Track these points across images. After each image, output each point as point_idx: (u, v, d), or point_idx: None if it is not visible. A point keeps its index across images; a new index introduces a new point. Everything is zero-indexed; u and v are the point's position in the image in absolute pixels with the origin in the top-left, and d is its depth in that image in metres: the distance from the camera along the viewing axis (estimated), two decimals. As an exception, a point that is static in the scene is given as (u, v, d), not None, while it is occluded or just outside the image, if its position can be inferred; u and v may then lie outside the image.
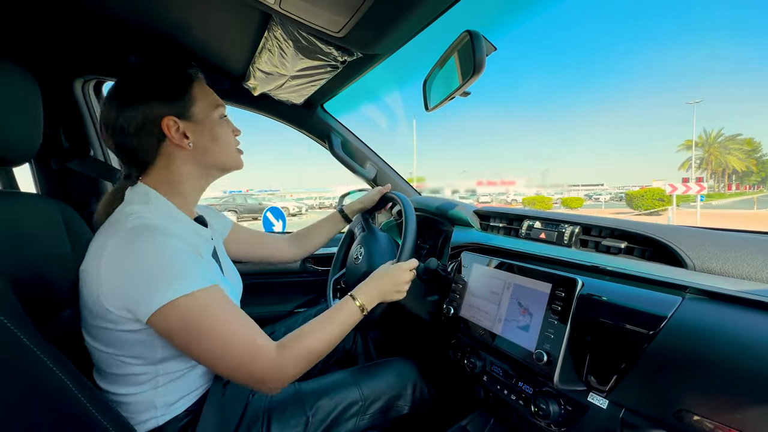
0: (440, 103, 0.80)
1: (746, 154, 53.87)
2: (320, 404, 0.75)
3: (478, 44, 0.57)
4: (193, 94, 0.64)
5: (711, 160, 52.73)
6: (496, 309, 0.76)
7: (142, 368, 0.58)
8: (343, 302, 0.69)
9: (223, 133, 0.67)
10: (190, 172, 0.66)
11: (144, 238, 0.53)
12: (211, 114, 0.66)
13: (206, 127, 0.65)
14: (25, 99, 0.72)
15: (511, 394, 0.74)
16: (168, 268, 0.53)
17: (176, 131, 0.62)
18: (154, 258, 0.52)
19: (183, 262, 0.54)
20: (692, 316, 0.50)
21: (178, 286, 0.52)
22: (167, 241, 0.54)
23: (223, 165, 0.69)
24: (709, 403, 0.46)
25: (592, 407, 0.59)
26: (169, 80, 0.64)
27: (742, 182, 57.70)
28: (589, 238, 0.75)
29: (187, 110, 0.63)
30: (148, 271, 0.52)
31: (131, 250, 0.53)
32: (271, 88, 1.09)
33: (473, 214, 1.05)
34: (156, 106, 0.61)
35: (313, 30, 0.72)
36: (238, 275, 0.81)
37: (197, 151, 0.64)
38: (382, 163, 1.43)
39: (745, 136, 55.99)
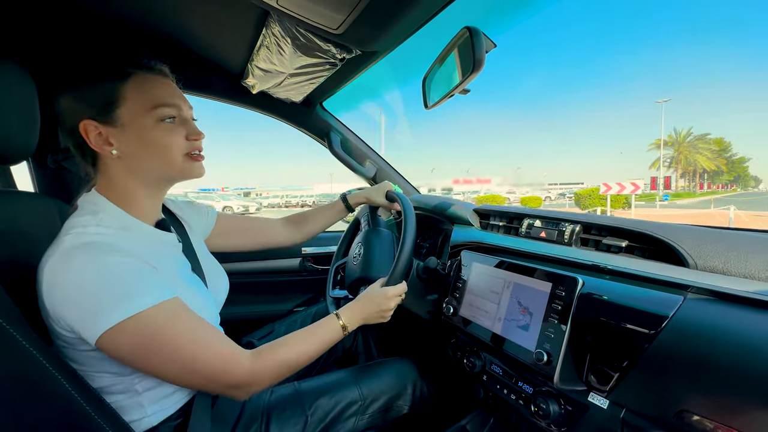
0: (440, 100, 0.79)
1: (715, 153, 54.42)
2: (319, 403, 0.75)
3: (477, 41, 0.57)
4: (121, 93, 0.55)
5: (680, 159, 53.09)
6: (496, 308, 0.75)
7: (114, 379, 0.55)
8: (327, 320, 0.69)
9: (159, 138, 0.57)
10: (128, 181, 0.59)
11: (80, 259, 0.49)
12: (143, 117, 0.56)
13: (133, 132, 0.56)
14: (22, 97, 0.72)
15: (510, 393, 0.73)
16: (110, 289, 0.48)
17: (97, 136, 0.55)
18: (93, 280, 0.48)
19: (127, 280, 0.49)
20: (694, 315, 0.49)
21: (125, 306, 0.48)
22: (106, 260, 0.49)
23: (163, 175, 0.61)
24: (711, 404, 0.45)
25: (592, 407, 0.59)
26: (92, 76, 0.56)
27: (714, 181, 59.11)
28: (589, 237, 0.74)
29: (110, 113, 0.55)
30: (88, 294, 0.47)
31: (66, 275, 0.48)
32: (270, 86, 1.08)
33: (473, 213, 1.04)
34: (78, 105, 0.55)
35: (312, 27, 0.71)
36: (222, 273, 0.78)
37: (128, 160, 0.57)
38: (382, 162, 1.42)
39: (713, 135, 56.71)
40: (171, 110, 0.58)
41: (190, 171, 0.62)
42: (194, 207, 0.86)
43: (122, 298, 0.48)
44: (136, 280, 0.50)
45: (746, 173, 62.85)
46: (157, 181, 0.62)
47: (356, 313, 0.72)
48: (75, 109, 0.56)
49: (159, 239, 0.63)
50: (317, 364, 1.03)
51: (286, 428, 0.70)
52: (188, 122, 0.62)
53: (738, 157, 59.63)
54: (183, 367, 0.52)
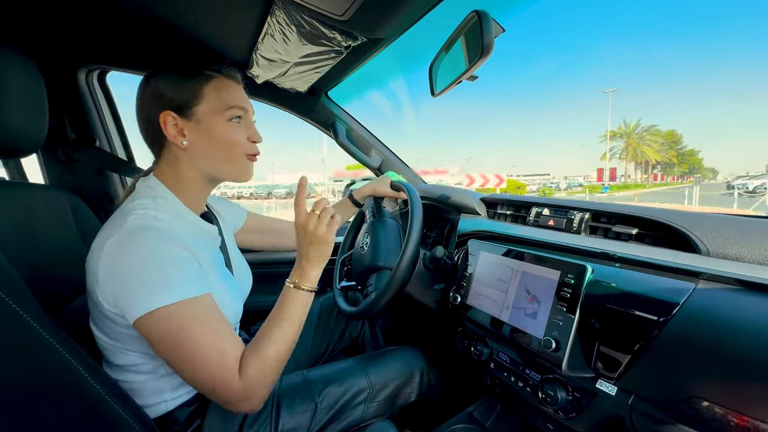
0: (447, 87, 0.78)
1: (665, 145, 53.20)
2: (328, 391, 0.76)
3: (486, 25, 0.55)
4: (200, 91, 0.62)
5: (629, 151, 51.42)
6: (503, 296, 0.75)
7: (144, 359, 0.59)
8: (285, 294, 0.64)
9: (226, 136, 0.63)
10: (189, 171, 0.64)
11: (138, 241, 0.53)
12: (216, 115, 0.62)
13: (204, 128, 0.62)
14: (31, 90, 0.72)
15: (518, 381, 0.74)
16: (155, 275, 0.52)
17: (173, 127, 0.61)
18: (144, 264, 0.52)
19: (172, 269, 0.53)
20: (706, 302, 0.49)
21: (161, 296, 0.51)
22: (162, 246, 0.53)
23: (221, 172, 0.65)
24: (722, 390, 0.45)
25: (600, 394, 0.59)
26: (180, 74, 0.62)
27: (667, 173, 58.27)
28: (598, 225, 0.73)
29: (189, 108, 0.61)
30: (137, 276, 0.51)
31: (124, 253, 0.52)
32: (275, 76, 1.08)
33: (480, 202, 1.04)
34: (161, 98, 0.61)
35: (316, 14, 0.70)
36: (247, 267, 0.81)
37: (194, 153, 0.62)
38: (388, 152, 1.41)
39: (661, 127, 55.89)
40: (239, 112, 0.65)
41: (246, 170, 0.67)
42: (228, 203, 0.91)
43: (167, 286, 0.52)
44: (179, 271, 0.54)
45: (701, 165, 62.80)
46: (215, 175, 0.66)
47: (303, 266, 0.65)
48: (157, 101, 0.61)
49: (204, 230, 0.67)
50: (325, 353, 1.04)
51: (296, 415, 0.71)
52: (251, 126, 0.68)
53: (688, 149, 59.86)
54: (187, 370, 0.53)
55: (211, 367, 0.53)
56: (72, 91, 1.08)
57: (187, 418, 0.64)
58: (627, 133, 51.88)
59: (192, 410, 0.64)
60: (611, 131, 51.51)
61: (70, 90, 1.07)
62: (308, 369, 0.84)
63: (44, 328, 0.46)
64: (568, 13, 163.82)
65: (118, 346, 0.58)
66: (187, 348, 0.52)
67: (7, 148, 0.70)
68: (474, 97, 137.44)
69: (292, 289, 0.64)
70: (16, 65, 0.69)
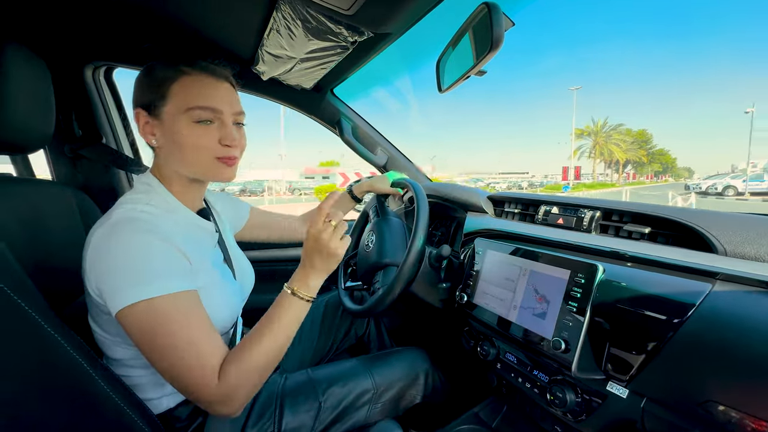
0: (455, 83, 0.77)
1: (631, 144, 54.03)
2: (332, 391, 0.76)
3: (496, 17, 0.54)
4: (166, 90, 0.58)
5: (596, 150, 51.94)
6: (511, 296, 0.74)
7: (137, 352, 0.56)
8: (281, 299, 0.60)
9: (190, 139, 0.58)
10: (168, 171, 0.62)
11: (121, 233, 0.52)
12: (179, 117, 0.57)
13: (168, 129, 0.58)
14: (39, 86, 0.72)
15: (525, 382, 0.73)
16: (136, 268, 0.51)
17: (144, 125, 0.60)
18: (126, 255, 0.51)
19: (154, 262, 0.52)
20: (723, 303, 0.47)
21: (141, 288, 0.50)
22: (142, 238, 0.52)
23: (189, 173, 0.62)
24: (740, 394, 0.44)
25: (610, 396, 0.57)
26: (150, 71, 0.60)
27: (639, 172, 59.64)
28: (609, 224, 0.72)
29: (157, 107, 0.58)
30: (118, 268, 0.51)
31: (108, 244, 0.52)
32: (280, 73, 1.07)
33: (487, 200, 1.02)
34: (136, 94, 0.61)
35: (322, 8, 0.69)
36: (249, 265, 0.80)
37: (163, 153, 0.61)
38: (393, 149, 1.40)
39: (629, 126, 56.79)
40: (206, 113, 0.58)
41: (218, 174, 0.61)
42: (231, 199, 0.90)
43: (145, 279, 0.50)
44: (162, 264, 0.52)
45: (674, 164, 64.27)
46: (188, 175, 0.63)
47: (307, 273, 0.61)
48: (135, 96, 0.61)
49: (198, 226, 0.66)
50: (330, 351, 1.03)
51: (299, 415, 0.71)
52: (226, 127, 0.60)
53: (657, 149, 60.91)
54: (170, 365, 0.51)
55: (188, 367, 0.51)
56: (79, 88, 1.08)
57: (189, 414, 0.63)
58: (594, 131, 52.71)
59: (194, 407, 0.64)
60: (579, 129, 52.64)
61: (76, 86, 1.08)
62: (313, 368, 0.84)
63: (49, 323, 0.46)
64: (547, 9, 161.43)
65: (116, 339, 0.58)
66: (165, 344, 0.51)
67: (15, 144, 0.70)
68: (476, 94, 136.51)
69: (289, 295, 0.60)
70: (23, 62, 0.69)
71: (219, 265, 0.67)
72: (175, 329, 0.51)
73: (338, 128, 1.31)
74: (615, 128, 52.74)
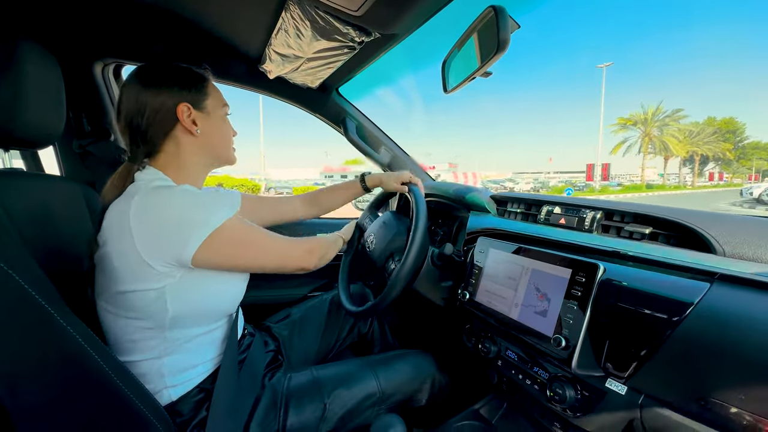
0: (460, 84, 0.78)
1: (708, 136, 39.31)
2: (338, 393, 0.76)
3: (503, 21, 0.55)
4: (207, 89, 0.71)
5: (644, 143, 37.53)
6: (513, 294, 0.75)
7: (152, 333, 0.61)
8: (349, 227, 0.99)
9: (226, 128, 0.75)
10: (193, 157, 0.70)
11: (170, 191, 0.60)
12: (219, 110, 0.73)
13: (213, 119, 0.71)
14: (50, 82, 0.74)
15: (526, 378, 0.74)
16: (202, 205, 0.60)
17: (188, 117, 0.67)
18: (187, 200, 0.59)
19: (211, 198, 0.62)
20: (721, 302, 0.49)
21: (217, 215, 0.60)
22: (186, 190, 0.61)
23: (221, 156, 0.75)
24: (738, 391, 0.45)
25: (609, 393, 0.59)
26: (190, 72, 0.70)
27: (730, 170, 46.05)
28: (611, 224, 0.73)
29: (201, 102, 0.69)
30: (186, 211, 0.59)
31: (161, 201, 0.58)
32: (287, 71, 1.08)
33: (490, 200, 1.03)
34: (176, 92, 0.66)
35: (331, 9, 0.71)
36: None
37: (203, 139, 0.70)
38: (397, 149, 1.41)
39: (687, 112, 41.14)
40: (228, 109, 0.76)
41: (232, 157, 0.78)
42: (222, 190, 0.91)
43: (212, 210, 0.60)
44: (215, 199, 0.63)
45: None
46: (215, 160, 0.75)
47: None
48: (173, 95, 0.67)
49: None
50: (334, 348, 1.05)
51: (304, 415, 0.72)
52: (229, 122, 0.77)
53: (751, 141, 44.73)
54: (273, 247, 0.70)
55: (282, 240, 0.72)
56: (88, 84, 1.09)
57: (191, 409, 0.64)
58: (645, 120, 37.50)
59: (196, 401, 0.65)
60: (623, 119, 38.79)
61: (86, 83, 1.09)
62: (317, 367, 0.84)
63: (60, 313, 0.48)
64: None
65: (128, 317, 0.60)
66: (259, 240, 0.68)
67: (26, 139, 0.72)
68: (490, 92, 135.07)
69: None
70: (37, 59, 0.70)
71: None
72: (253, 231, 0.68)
73: (343, 127, 1.32)
74: (671, 115, 36.63)
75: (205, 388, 0.66)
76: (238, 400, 0.68)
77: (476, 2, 0.94)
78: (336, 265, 1.17)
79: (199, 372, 0.66)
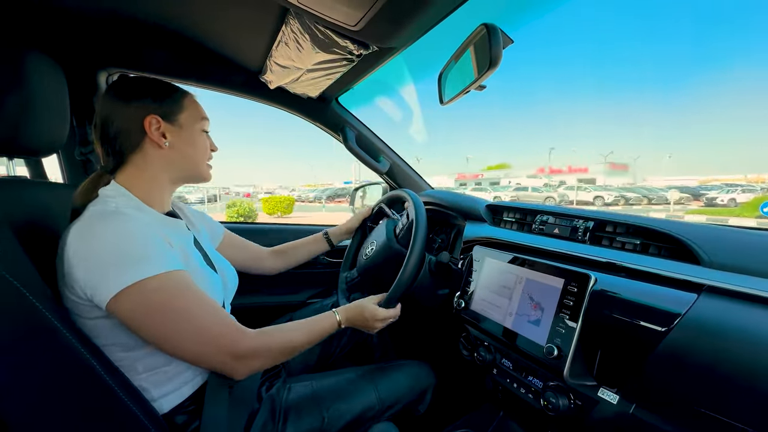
0: (455, 96, 0.79)
1: None
2: (337, 407, 0.77)
3: (494, 38, 0.57)
4: (183, 103, 0.69)
5: None
6: (507, 303, 0.76)
7: (125, 355, 0.58)
8: (328, 316, 0.75)
9: (201, 143, 0.71)
10: (161, 172, 0.68)
11: (102, 224, 0.54)
12: (195, 124, 0.70)
13: (186, 133, 0.69)
14: (55, 92, 0.75)
15: (520, 387, 0.75)
16: (129, 251, 0.53)
17: (156, 130, 0.65)
18: (115, 242, 0.53)
19: (147, 244, 0.55)
20: (708, 313, 0.50)
21: (144, 267, 0.52)
22: (128, 226, 0.55)
23: (193, 171, 0.72)
24: (723, 402, 0.46)
25: (602, 402, 0.59)
26: (165, 86, 0.69)
27: None
28: (603, 234, 0.74)
29: (174, 115, 0.67)
30: (109, 255, 0.52)
31: (91, 237, 0.53)
32: (287, 82, 1.10)
33: (485, 209, 1.05)
34: (147, 104, 0.65)
35: (330, 24, 0.73)
36: (231, 270, 0.81)
37: (172, 153, 0.68)
38: (396, 157, 1.43)
39: None
40: (207, 125, 0.73)
41: (206, 174, 0.74)
42: (206, 217, 0.92)
43: (142, 260, 0.53)
44: (153, 247, 0.55)
45: None
46: (185, 175, 0.72)
47: (349, 317, 0.77)
48: (143, 107, 0.65)
49: (170, 224, 0.69)
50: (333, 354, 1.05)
51: (302, 429, 0.72)
52: (210, 137, 0.75)
53: None
54: (193, 335, 0.56)
55: (227, 325, 0.58)
56: (92, 93, 1.11)
57: (184, 422, 0.62)
58: None
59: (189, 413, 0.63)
60: None
61: (90, 92, 1.11)
62: (317, 377, 0.84)
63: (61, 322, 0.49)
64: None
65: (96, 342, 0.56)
66: (189, 312, 0.55)
67: (30, 148, 0.73)
68: None
69: (334, 316, 0.75)
70: (41, 67, 0.71)
71: (200, 262, 0.68)
72: (198, 296, 0.57)
73: (342, 136, 1.34)
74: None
75: (197, 399, 0.64)
76: (233, 409, 0.67)
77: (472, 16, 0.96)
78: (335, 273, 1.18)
79: (189, 384, 0.64)
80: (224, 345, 0.57)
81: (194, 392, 0.64)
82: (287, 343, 0.65)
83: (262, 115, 55.26)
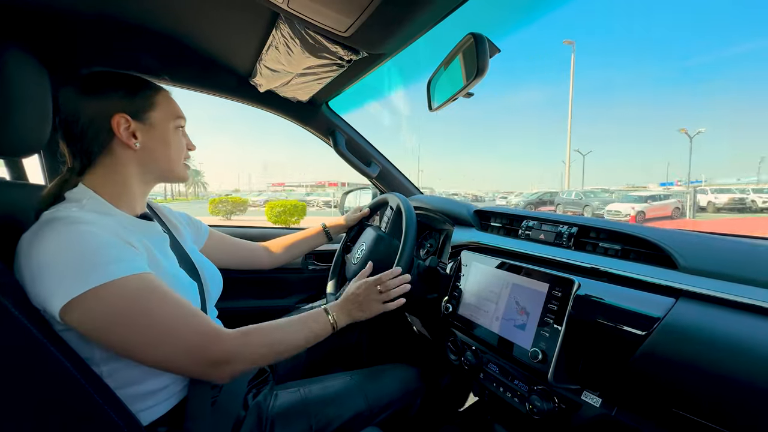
0: (444, 103, 0.81)
1: None
2: (325, 412, 0.76)
3: (481, 48, 0.58)
4: (154, 100, 0.65)
5: None
6: (494, 308, 0.77)
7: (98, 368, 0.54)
8: (318, 313, 0.69)
9: (175, 142, 0.67)
10: (132, 174, 0.64)
11: (50, 230, 0.50)
12: (168, 123, 0.66)
13: (159, 132, 0.65)
14: (37, 91, 0.73)
15: (506, 391, 0.75)
16: (80, 256, 0.49)
17: (125, 129, 0.61)
18: (63, 248, 0.49)
19: (98, 249, 0.50)
20: (685, 318, 0.51)
21: (96, 273, 0.48)
22: (78, 229, 0.50)
23: (166, 172, 0.68)
24: (700, 404, 0.47)
25: (585, 405, 0.60)
26: (134, 82, 0.64)
27: None
28: (586, 240, 0.76)
29: (144, 113, 0.63)
30: (58, 261, 0.48)
31: (38, 244, 0.49)
32: (277, 86, 1.10)
33: (473, 214, 1.06)
34: (115, 101, 0.61)
35: (320, 29, 0.73)
36: (216, 272, 0.78)
37: (143, 153, 0.63)
38: (385, 161, 1.44)
39: None
40: (183, 122, 0.70)
41: (182, 174, 0.71)
42: (189, 217, 0.89)
43: (93, 266, 0.48)
44: (107, 250, 0.51)
45: None
46: (158, 176, 0.69)
47: (341, 310, 0.72)
48: (110, 105, 0.61)
49: (140, 226, 0.63)
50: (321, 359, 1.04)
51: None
52: (186, 135, 0.72)
53: None
54: (160, 340, 0.51)
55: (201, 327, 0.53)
56: None
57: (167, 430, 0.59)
58: None
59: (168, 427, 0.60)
60: None
61: None
62: (305, 383, 0.83)
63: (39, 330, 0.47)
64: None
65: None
66: (160, 315, 0.51)
67: (11, 148, 0.71)
68: None
69: (324, 314, 0.69)
70: (22, 65, 0.70)
71: (173, 266, 0.65)
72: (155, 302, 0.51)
73: (332, 140, 1.34)
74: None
75: (179, 410, 0.61)
76: (218, 418, 0.65)
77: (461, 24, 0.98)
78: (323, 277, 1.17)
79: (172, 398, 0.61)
80: (195, 348, 0.53)
81: (177, 404, 0.61)
82: (272, 344, 0.60)
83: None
